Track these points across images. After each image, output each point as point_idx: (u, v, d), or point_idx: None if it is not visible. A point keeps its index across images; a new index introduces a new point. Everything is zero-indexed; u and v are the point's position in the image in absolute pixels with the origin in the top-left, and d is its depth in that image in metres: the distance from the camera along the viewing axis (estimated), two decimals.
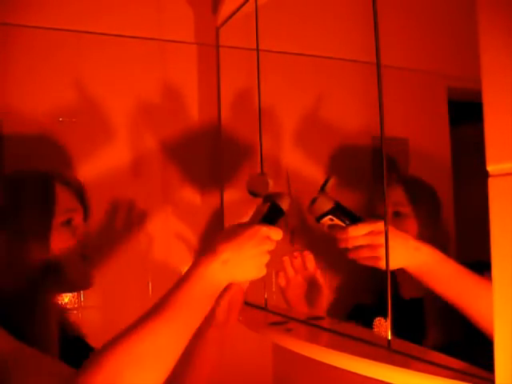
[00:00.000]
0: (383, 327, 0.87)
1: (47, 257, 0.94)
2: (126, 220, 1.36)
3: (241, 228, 0.86)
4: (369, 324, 1.04)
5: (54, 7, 1.30)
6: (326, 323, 1.07)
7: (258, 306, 1.25)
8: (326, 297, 1.14)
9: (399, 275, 1.10)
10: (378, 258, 0.89)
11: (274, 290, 1.27)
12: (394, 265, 0.88)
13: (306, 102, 1.46)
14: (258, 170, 1.24)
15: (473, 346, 0.91)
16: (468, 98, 0.89)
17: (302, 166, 1.43)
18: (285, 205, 0.95)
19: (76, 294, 1.28)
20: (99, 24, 1.34)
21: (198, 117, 1.45)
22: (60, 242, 0.96)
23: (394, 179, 1.16)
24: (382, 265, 0.86)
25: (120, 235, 1.35)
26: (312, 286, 1.15)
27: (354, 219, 0.99)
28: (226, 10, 1.37)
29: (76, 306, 1.28)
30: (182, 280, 0.80)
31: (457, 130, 1.26)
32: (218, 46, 1.44)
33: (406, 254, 0.91)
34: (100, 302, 1.31)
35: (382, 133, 0.86)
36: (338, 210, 1.00)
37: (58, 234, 0.96)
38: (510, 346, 0.59)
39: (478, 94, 0.63)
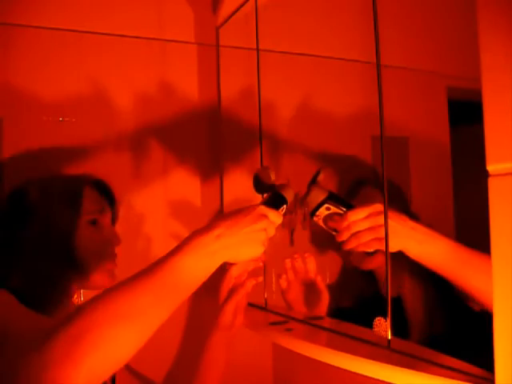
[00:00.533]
0: (383, 327, 0.87)
1: (71, 252, 0.99)
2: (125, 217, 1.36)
3: (239, 208, 0.85)
4: None
5: (55, 7, 1.30)
6: (325, 323, 1.07)
7: (258, 306, 1.25)
8: (326, 300, 1.14)
9: (379, 274, 1.11)
10: (380, 239, 0.87)
11: (274, 289, 1.27)
12: (393, 246, 0.87)
13: (305, 101, 1.46)
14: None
15: (454, 339, 0.92)
16: (468, 97, 0.89)
17: (302, 166, 1.43)
18: (288, 195, 0.94)
19: (76, 293, 1.28)
20: (99, 24, 1.34)
21: (198, 117, 1.45)
22: (85, 240, 1.02)
23: (367, 181, 1.20)
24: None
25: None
26: (312, 289, 1.14)
27: (349, 206, 0.98)
28: (225, 9, 1.37)
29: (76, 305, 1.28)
30: (173, 250, 0.78)
31: (457, 130, 1.26)
32: (218, 46, 1.44)
33: (405, 234, 0.90)
34: None
35: (382, 132, 0.86)
36: (334, 198, 0.99)
37: (83, 232, 1.02)
38: (510, 345, 0.59)
39: (478, 94, 0.63)
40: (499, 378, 0.61)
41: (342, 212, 0.98)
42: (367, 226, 0.93)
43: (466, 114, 1.04)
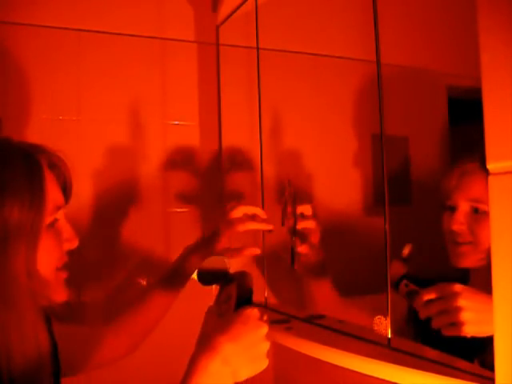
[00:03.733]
0: (383, 325, 0.87)
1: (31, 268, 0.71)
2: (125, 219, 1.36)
3: (233, 315, 0.76)
4: None
5: (54, 6, 1.30)
6: (326, 322, 1.07)
7: (259, 305, 1.25)
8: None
9: (474, 275, 1.04)
10: (455, 325, 0.79)
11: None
12: (485, 331, 0.76)
13: (305, 100, 1.46)
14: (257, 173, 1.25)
15: None
16: (468, 96, 0.89)
17: (302, 167, 1.43)
18: (250, 282, 0.86)
19: (75, 288, 1.28)
20: (99, 22, 1.34)
21: (198, 116, 1.45)
22: (45, 252, 0.73)
23: (477, 166, 1.00)
24: (466, 332, 0.78)
25: (118, 232, 1.35)
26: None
27: (428, 283, 0.89)
28: (225, 8, 1.37)
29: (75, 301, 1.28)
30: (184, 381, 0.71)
31: (456, 129, 1.26)
32: (218, 45, 1.44)
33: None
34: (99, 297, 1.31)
35: (382, 131, 0.86)
36: (411, 276, 0.96)
37: (44, 241, 0.73)
38: (510, 345, 0.59)
39: (478, 93, 0.63)
40: (499, 378, 0.61)
41: (418, 290, 0.91)
42: (438, 309, 0.83)
43: (465, 113, 1.03)
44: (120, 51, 1.37)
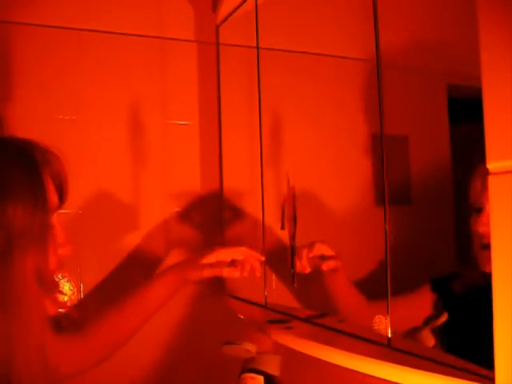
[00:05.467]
0: (383, 325, 0.87)
1: None
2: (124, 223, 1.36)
3: None
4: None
5: (54, 5, 1.30)
6: (326, 321, 1.07)
7: (259, 304, 1.25)
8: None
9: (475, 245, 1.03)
10: None
11: (274, 287, 1.27)
12: None
13: (305, 100, 1.46)
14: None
15: None
16: (468, 95, 0.89)
17: (303, 167, 1.43)
18: (276, 369, 0.85)
19: (76, 289, 1.28)
20: (100, 22, 1.34)
21: (198, 116, 1.45)
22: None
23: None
24: None
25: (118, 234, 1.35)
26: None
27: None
28: (225, 8, 1.37)
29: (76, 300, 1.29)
30: None
31: (456, 128, 1.26)
32: (218, 44, 1.44)
33: None
34: (100, 297, 1.31)
35: (382, 130, 0.86)
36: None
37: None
38: (510, 345, 0.59)
39: (479, 92, 0.63)
40: (499, 378, 0.61)
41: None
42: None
43: (466, 112, 1.03)
44: (120, 51, 1.37)
